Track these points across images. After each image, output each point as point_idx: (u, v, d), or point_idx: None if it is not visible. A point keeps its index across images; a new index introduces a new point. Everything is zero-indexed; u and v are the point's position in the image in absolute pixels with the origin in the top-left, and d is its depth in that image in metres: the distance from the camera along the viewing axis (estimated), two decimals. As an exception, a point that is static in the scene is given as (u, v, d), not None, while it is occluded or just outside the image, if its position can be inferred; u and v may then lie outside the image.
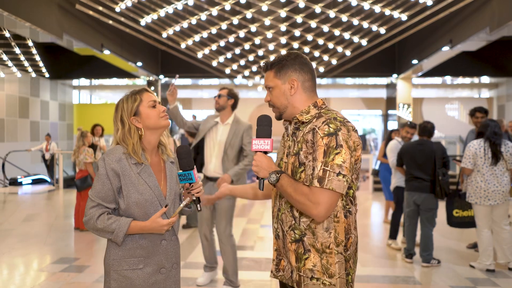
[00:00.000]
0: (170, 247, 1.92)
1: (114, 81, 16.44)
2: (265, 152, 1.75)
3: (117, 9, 9.20)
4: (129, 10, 9.42)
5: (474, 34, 8.96)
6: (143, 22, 9.62)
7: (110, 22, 9.83)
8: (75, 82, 16.68)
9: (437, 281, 4.32)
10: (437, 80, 16.11)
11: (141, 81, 15.97)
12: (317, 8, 8.55)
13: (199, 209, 1.92)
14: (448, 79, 15.60)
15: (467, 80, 15.65)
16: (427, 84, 16.77)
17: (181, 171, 1.90)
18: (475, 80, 15.51)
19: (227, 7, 8.49)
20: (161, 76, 14.76)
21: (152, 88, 15.10)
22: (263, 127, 1.76)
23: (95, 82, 16.88)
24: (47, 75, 14.56)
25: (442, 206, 6.14)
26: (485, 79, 15.11)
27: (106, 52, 10.55)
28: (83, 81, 16.65)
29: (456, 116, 16.68)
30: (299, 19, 9.07)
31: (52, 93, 15.76)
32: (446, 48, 10.23)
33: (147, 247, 1.86)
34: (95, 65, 14.24)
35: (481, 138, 4.60)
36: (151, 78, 14.80)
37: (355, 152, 1.64)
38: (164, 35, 10.10)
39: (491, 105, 16.17)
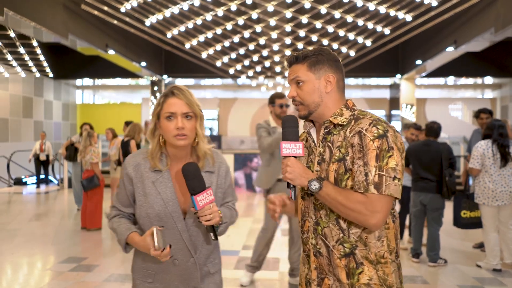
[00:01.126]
0: (186, 270, 1.70)
1: (118, 81, 16.47)
2: (295, 157, 1.56)
3: (123, 9, 9.23)
4: (134, 10, 9.45)
5: (479, 34, 8.96)
6: (148, 22, 9.65)
7: (115, 22, 9.86)
8: (78, 82, 16.71)
9: (444, 280, 4.34)
10: (440, 80, 16.11)
11: (144, 81, 16.00)
12: (323, 9, 8.57)
13: (213, 238, 1.65)
14: (451, 79, 15.59)
15: (470, 80, 15.64)
16: (431, 85, 16.77)
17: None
18: (478, 80, 15.50)
19: (233, 7, 8.51)
20: (165, 76, 14.78)
21: (156, 88, 15.14)
22: (291, 129, 1.58)
23: (98, 82, 16.92)
24: (50, 75, 14.60)
25: (448, 206, 6.16)
26: (489, 79, 15.10)
27: (111, 52, 10.57)
28: (87, 81, 16.68)
29: (459, 116, 16.67)
30: (304, 19, 9.09)
31: (56, 93, 15.80)
32: (450, 49, 10.23)
33: (158, 262, 1.70)
34: (99, 65, 14.27)
35: (487, 139, 4.61)
36: (154, 78, 14.83)
37: (403, 154, 1.52)
38: (169, 35, 10.13)
39: (494, 105, 16.15)
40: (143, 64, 12.45)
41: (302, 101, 1.61)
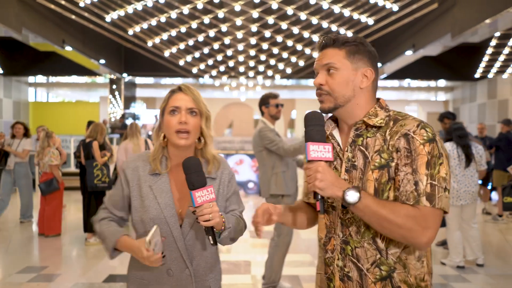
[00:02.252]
0: (181, 281, 1.57)
1: (73, 78, 15.78)
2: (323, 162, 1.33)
3: (81, 4, 8.82)
4: (94, 5, 9.06)
5: (436, 39, 9.35)
6: (108, 18, 9.29)
7: (73, 17, 9.41)
8: (31, 79, 15.85)
9: (413, 279, 4.45)
10: (396, 82, 16.68)
11: (102, 79, 15.42)
12: (289, 10, 8.60)
13: (211, 242, 1.48)
14: (406, 82, 16.18)
15: (424, 83, 16.31)
16: (388, 87, 17.34)
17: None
18: (432, 83, 16.20)
19: (200, 5, 8.36)
20: (125, 74, 14.32)
21: (114, 86, 14.63)
22: (318, 128, 1.33)
23: (53, 79, 16.13)
24: (0, 71, 13.73)
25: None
26: (442, 82, 15.82)
27: (68, 48, 10.09)
28: (40, 78, 15.85)
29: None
30: (270, 20, 9.09)
31: (6, 91, 14.88)
32: (409, 52, 10.60)
33: (151, 271, 1.58)
34: (53, 62, 13.58)
35: (451, 141, 4.79)
36: (113, 76, 14.33)
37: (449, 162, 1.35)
38: (130, 32, 9.80)
39: (447, 107, 16.94)
40: (102, 61, 11.99)
41: (330, 91, 1.38)
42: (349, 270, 1.37)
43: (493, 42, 10.31)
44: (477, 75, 13.07)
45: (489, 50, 10.86)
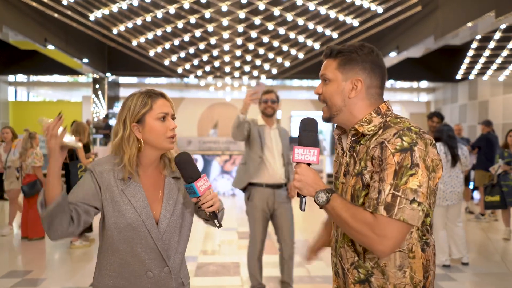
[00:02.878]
0: (160, 280, 1.59)
1: (55, 77, 15.47)
2: (309, 164, 1.42)
3: (64, 2, 8.65)
4: (78, 3, 8.90)
5: (419, 41, 9.51)
6: (92, 17, 9.13)
7: (56, 15, 9.23)
8: (11, 78, 15.47)
9: (401, 278, 4.51)
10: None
11: (84, 78, 15.17)
12: (276, 11, 8.61)
13: (217, 225, 1.62)
14: (389, 83, 16.40)
15: (407, 84, 16.56)
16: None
17: (186, 183, 1.61)
18: (414, 84, 16.46)
19: (186, 5, 8.30)
20: (108, 74, 14.11)
21: (97, 86, 14.41)
22: (309, 133, 1.43)
23: (33, 78, 15.78)
24: (-21, 69, 13.39)
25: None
26: (424, 83, 16.09)
27: (50, 47, 9.89)
28: (20, 77, 15.49)
29: (398, 118, 17.58)
30: (257, 20, 9.08)
31: (-15, 90, 14.51)
32: (393, 54, 10.75)
33: (129, 277, 1.57)
34: (35, 60, 13.28)
35: (439, 142, 4.87)
36: (96, 76, 14.11)
37: (434, 173, 1.30)
38: (115, 31, 9.66)
39: (429, 108, 17.23)
40: (85, 60, 11.79)
41: (325, 100, 1.45)
42: (338, 267, 1.46)
43: (474, 45, 10.52)
44: (458, 77, 13.33)
45: (470, 53, 11.07)
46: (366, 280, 1.36)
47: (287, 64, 11.55)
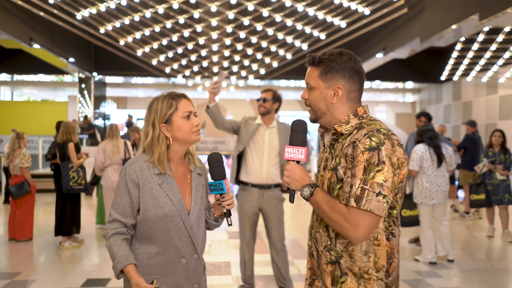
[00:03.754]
0: (191, 266, 1.77)
1: (39, 77, 15.24)
2: (298, 162, 1.59)
3: (50, 0, 8.55)
4: (64, 2, 8.80)
5: (405, 43, 9.65)
6: (79, 16, 9.04)
7: (42, 14, 9.11)
8: (-6, 77, 15.21)
9: (389, 276, 4.59)
10: (366, 84, 17.09)
11: (69, 78, 14.98)
12: (265, 11, 8.65)
13: (229, 223, 1.80)
14: (375, 83, 16.58)
15: (393, 85, 16.76)
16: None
17: (211, 180, 1.78)
18: (400, 85, 16.68)
19: (175, 5, 8.28)
20: (95, 73, 13.97)
21: (83, 85, 14.25)
22: (298, 134, 1.59)
23: (17, 77, 15.52)
24: (-39, 68, 13.12)
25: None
26: (409, 84, 16.32)
27: (36, 46, 9.75)
28: (4, 76, 15.22)
29: (384, 118, 17.80)
30: (246, 21, 9.11)
31: (-33, 89, 14.23)
32: (380, 55, 10.89)
33: (164, 264, 1.73)
34: (19, 59, 13.08)
35: (422, 144, 4.98)
36: (82, 75, 13.95)
37: (399, 170, 1.45)
38: (102, 30, 9.58)
39: (414, 108, 17.50)
40: (71, 59, 11.65)
41: (310, 105, 1.62)
42: (313, 250, 1.64)
43: (458, 47, 10.73)
44: (443, 78, 13.56)
45: (454, 54, 11.28)
46: (336, 261, 1.54)
47: (275, 64, 11.61)
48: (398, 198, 1.51)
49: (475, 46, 10.22)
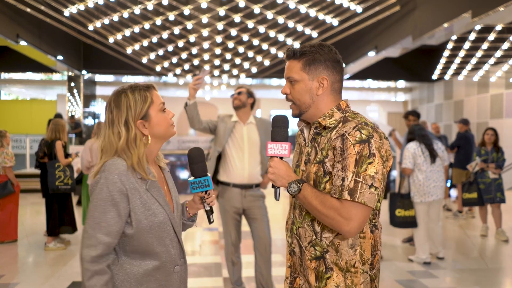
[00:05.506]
0: (182, 272, 1.63)
1: (28, 75, 14.98)
2: (281, 158, 1.56)
3: (37, -3, 8.36)
4: (51, -2, 8.61)
5: (397, 41, 9.61)
6: (67, 12, 8.85)
7: (28, 10, 8.91)
8: (-19, 75, 14.93)
9: (383, 276, 4.52)
10: (358, 83, 17.07)
11: (58, 76, 14.75)
12: (256, 9, 8.54)
13: (211, 220, 1.68)
14: (367, 82, 16.57)
15: (384, 84, 16.77)
16: (349, 87, 17.70)
17: (192, 177, 1.62)
18: (392, 84, 16.70)
19: (165, 1, 8.13)
20: (84, 72, 13.75)
21: (73, 84, 14.03)
22: (280, 129, 1.56)
23: (5, 75, 15.24)
24: None
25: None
26: (401, 83, 16.33)
27: (23, 43, 9.54)
28: (-9, 75, 14.96)
29: (376, 117, 17.81)
30: (237, 18, 9.00)
31: (-47, 87, 13.94)
32: (372, 54, 10.84)
33: (161, 279, 1.53)
34: (6, 57, 12.83)
35: (413, 141, 4.91)
36: (71, 74, 13.72)
37: (387, 163, 1.46)
38: (91, 27, 9.40)
39: (406, 107, 17.52)
40: (60, 57, 11.44)
41: (294, 100, 1.58)
42: (294, 246, 1.59)
43: (450, 45, 10.73)
44: (434, 77, 13.58)
45: (446, 53, 11.29)
46: (321, 256, 1.51)
47: (267, 63, 11.50)
48: (381, 190, 1.49)
49: (467, 45, 10.23)
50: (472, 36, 9.58)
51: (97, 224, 1.41)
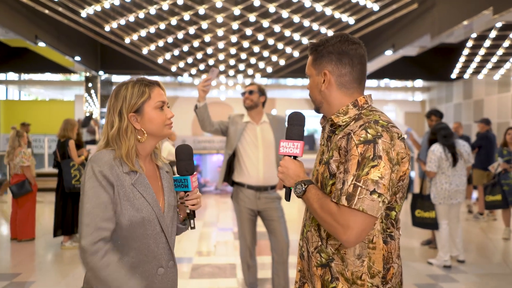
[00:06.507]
0: (168, 276, 1.55)
1: (47, 76, 15.22)
2: (295, 157, 1.49)
3: (55, -2, 8.47)
4: (69, -1, 8.71)
5: (415, 40, 9.42)
6: (84, 13, 8.94)
7: (47, 11, 9.03)
8: (1, 76, 15.22)
9: (401, 279, 4.40)
10: (374, 82, 16.83)
11: (76, 77, 14.94)
12: (271, 8, 8.48)
13: (192, 225, 1.60)
14: (383, 82, 16.33)
15: (401, 83, 16.49)
16: (365, 87, 17.44)
17: (177, 175, 1.57)
18: (409, 83, 16.41)
19: (180, 1, 8.13)
20: (101, 72, 13.90)
21: (90, 84, 14.20)
22: (294, 127, 1.48)
23: (25, 76, 15.52)
24: (-32, 68, 13.13)
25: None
26: (419, 82, 16.04)
27: (41, 44, 9.68)
28: (11, 76, 15.23)
29: (393, 117, 17.53)
30: (252, 17, 8.95)
31: (-26, 88, 14.25)
32: (389, 52, 10.66)
33: (140, 279, 1.47)
34: (26, 58, 13.04)
35: (436, 143, 4.77)
36: (88, 74, 13.89)
37: (398, 166, 1.32)
38: (107, 28, 9.47)
39: (424, 107, 17.21)
40: (77, 58, 11.58)
41: (310, 95, 1.55)
42: (304, 250, 1.51)
43: (469, 43, 10.47)
44: (453, 76, 13.29)
45: (465, 51, 11.03)
46: (327, 264, 1.41)
47: (282, 62, 11.43)
48: (398, 198, 1.37)
49: (487, 43, 9.97)
50: (493, 34, 9.33)
51: (90, 213, 1.39)
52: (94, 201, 1.40)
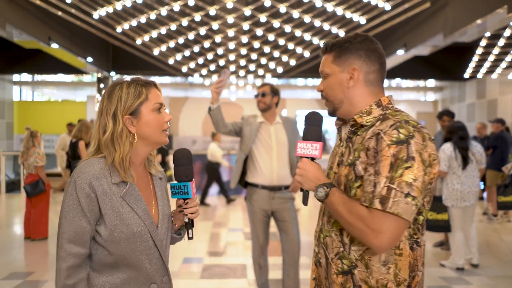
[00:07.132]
0: None
1: (59, 77, 15.41)
2: (312, 159, 1.43)
3: (68, 0, 8.56)
4: (81, 1, 8.81)
5: (427, 39, 9.33)
6: (96, 15, 9.03)
7: (60, 13, 9.14)
8: (15, 77, 15.44)
9: (413, 281, 4.36)
10: (385, 82, 16.67)
11: (88, 78, 15.10)
12: (282, 8, 8.47)
13: (190, 235, 1.49)
14: (395, 81, 16.19)
15: (413, 83, 16.34)
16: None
17: (175, 181, 1.46)
18: (421, 83, 16.25)
19: (191, 2, 8.17)
20: (113, 73, 14.03)
21: (102, 85, 14.33)
22: (312, 128, 1.43)
23: (38, 77, 15.73)
24: (-17, 69, 13.35)
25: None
26: (431, 82, 15.87)
27: (54, 46, 9.80)
28: (25, 77, 15.45)
29: (404, 117, 17.38)
30: (263, 18, 8.95)
31: (-11, 89, 14.48)
32: (401, 52, 10.57)
33: None
34: (39, 59, 13.22)
35: (449, 142, 4.70)
36: (100, 75, 14.03)
37: (430, 169, 1.26)
38: (119, 29, 9.56)
39: (436, 107, 17.02)
40: (89, 59, 11.70)
41: (327, 96, 1.46)
42: (320, 257, 1.44)
43: (483, 43, 10.34)
44: (466, 75, 13.13)
45: (479, 51, 10.89)
46: (349, 271, 1.34)
47: (292, 62, 11.40)
48: (426, 202, 1.31)
49: (501, 42, 9.82)
50: (507, 33, 9.19)
51: (65, 234, 1.32)
52: (71, 224, 1.32)
